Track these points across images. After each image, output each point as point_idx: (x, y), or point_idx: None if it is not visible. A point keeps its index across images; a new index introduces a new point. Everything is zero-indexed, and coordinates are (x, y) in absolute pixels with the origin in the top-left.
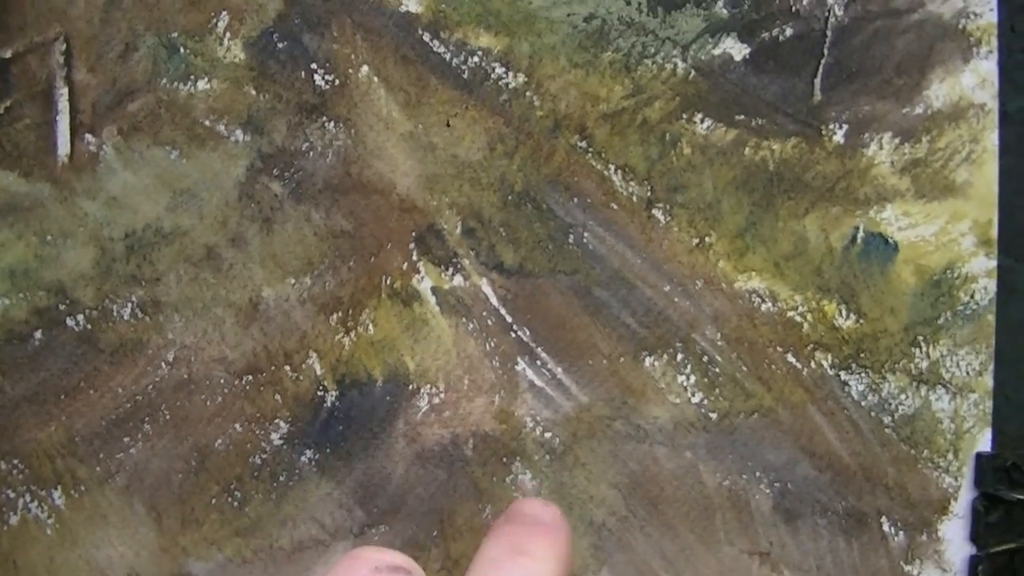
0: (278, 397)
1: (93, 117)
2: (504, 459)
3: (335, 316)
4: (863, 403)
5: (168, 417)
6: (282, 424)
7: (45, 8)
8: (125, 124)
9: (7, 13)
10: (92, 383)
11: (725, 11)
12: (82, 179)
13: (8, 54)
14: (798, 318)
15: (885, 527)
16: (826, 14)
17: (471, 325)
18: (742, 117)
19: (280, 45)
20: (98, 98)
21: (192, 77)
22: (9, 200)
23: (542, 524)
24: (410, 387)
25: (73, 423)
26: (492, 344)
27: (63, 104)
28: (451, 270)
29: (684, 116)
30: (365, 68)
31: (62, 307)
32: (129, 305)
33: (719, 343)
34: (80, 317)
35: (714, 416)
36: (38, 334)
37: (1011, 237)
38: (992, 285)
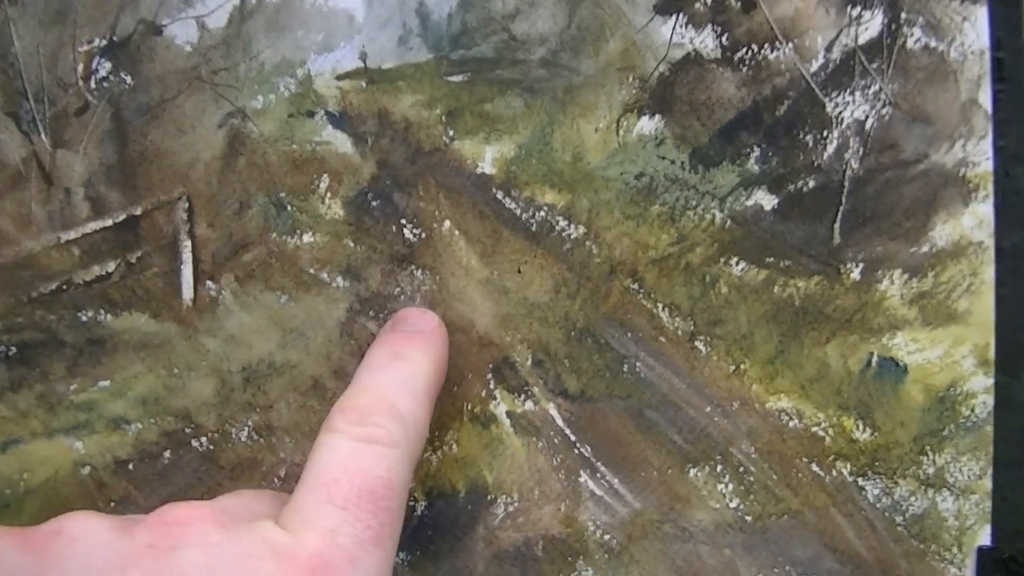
0: None
1: (213, 266)
2: (569, 558)
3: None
4: (878, 505)
5: None
6: None
7: (170, 171)
8: (241, 272)
9: (136, 176)
10: (214, 495)
11: (756, 167)
12: (204, 319)
13: (138, 211)
14: (821, 432)
15: None
16: (844, 167)
17: (540, 443)
18: (772, 259)
19: (374, 203)
20: (217, 249)
21: (298, 231)
22: (141, 338)
23: (420, 332)
24: (488, 497)
25: None
26: (558, 459)
27: (187, 255)
28: (523, 396)
29: (722, 260)
30: (447, 223)
31: (187, 430)
32: (246, 429)
33: (753, 456)
34: (203, 439)
35: (749, 519)
36: (167, 453)
37: (1006, 358)
38: (990, 400)
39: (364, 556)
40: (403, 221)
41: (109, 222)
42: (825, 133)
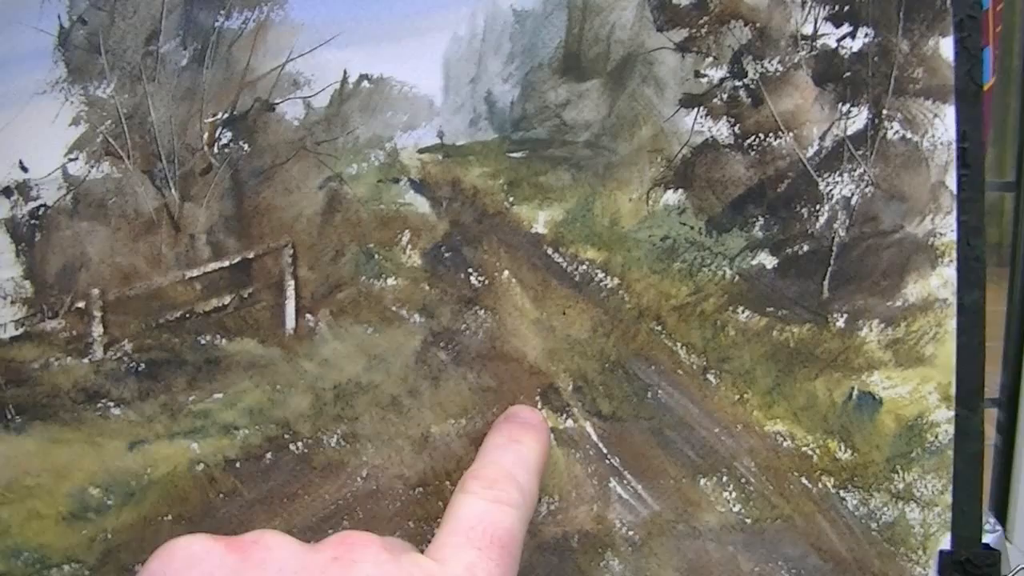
0: (440, 503)
1: (312, 302)
2: (599, 550)
3: None
4: (856, 513)
5: (361, 516)
6: None
7: (278, 223)
8: (335, 308)
9: (250, 226)
10: (307, 491)
11: (760, 233)
12: (303, 346)
13: (251, 255)
14: (809, 452)
15: None
16: (832, 235)
17: (578, 455)
18: (771, 309)
19: (447, 255)
20: (315, 289)
21: (383, 276)
22: (250, 359)
23: (531, 424)
24: None
25: (292, 519)
26: (592, 468)
27: (290, 292)
28: (564, 416)
29: (730, 309)
30: (506, 272)
31: (286, 436)
32: (335, 436)
33: (753, 469)
34: (299, 444)
35: (749, 521)
36: (269, 455)
37: (964, 395)
38: (950, 429)
39: None
40: (470, 270)
41: (226, 263)
42: (818, 207)
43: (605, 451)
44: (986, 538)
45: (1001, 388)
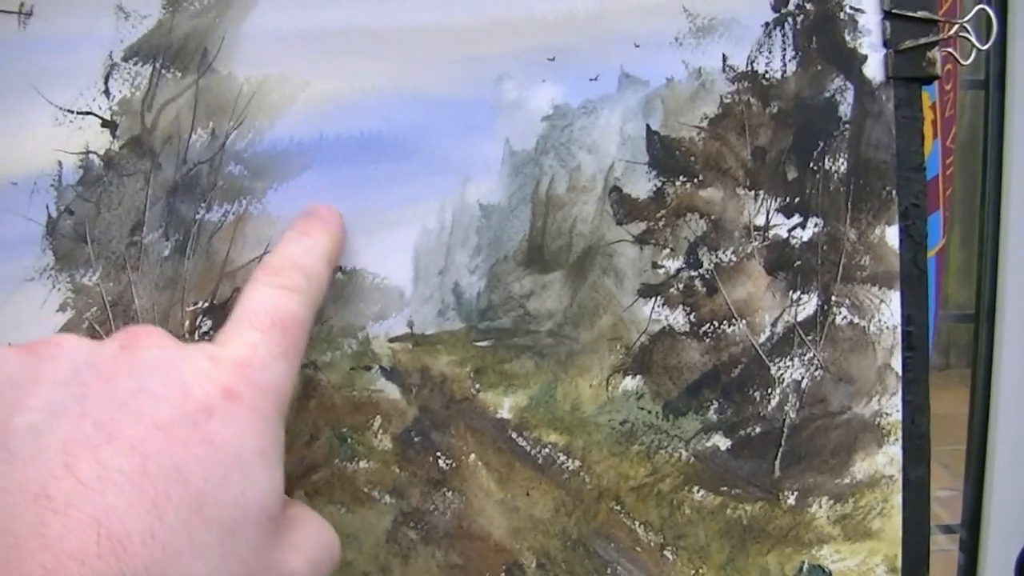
0: None
1: (288, 484)
2: None
3: None
4: None
5: None
6: None
7: None
8: (310, 489)
9: None
10: None
11: (715, 416)
12: None
13: None
14: None
15: None
16: (783, 417)
17: None
18: (725, 488)
19: (416, 439)
20: (291, 470)
21: (356, 458)
22: None
23: (322, 218)
24: None
25: None
26: None
27: None
28: None
29: (686, 488)
30: (473, 456)
31: None
32: None
33: None
34: None
35: None
36: None
37: (910, 565)
38: None
39: (274, 365)
40: (438, 453)
41: None
42: (769, 390)
43: None
44: None
45: (964, 505)
